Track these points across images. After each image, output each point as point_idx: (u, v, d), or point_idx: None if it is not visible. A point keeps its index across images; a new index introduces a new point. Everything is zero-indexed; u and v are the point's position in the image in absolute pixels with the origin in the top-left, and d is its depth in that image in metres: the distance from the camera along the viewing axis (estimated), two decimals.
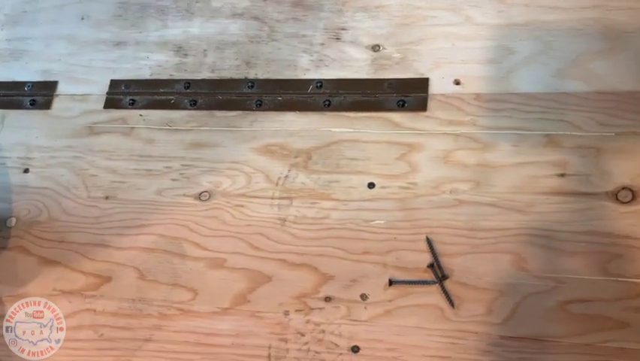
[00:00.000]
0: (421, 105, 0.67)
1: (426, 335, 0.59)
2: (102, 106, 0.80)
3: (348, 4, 0.76)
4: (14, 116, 0.83)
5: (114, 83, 0.81)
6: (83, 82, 0.82)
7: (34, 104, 0.83)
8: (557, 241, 0.59)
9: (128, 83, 0.80)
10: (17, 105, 0.84)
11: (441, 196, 0.63)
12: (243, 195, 0.70)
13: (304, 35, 0.76)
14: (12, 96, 0.85)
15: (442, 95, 0.68)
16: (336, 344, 0.60)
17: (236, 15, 0.80)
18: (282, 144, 0.71)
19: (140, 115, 0.78)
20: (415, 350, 0.58)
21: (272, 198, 0.69)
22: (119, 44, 0.83)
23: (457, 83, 0.68)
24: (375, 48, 0.72)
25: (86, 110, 0.80)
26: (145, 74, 0.80)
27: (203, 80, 0.77)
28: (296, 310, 0.63)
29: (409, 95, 0.68)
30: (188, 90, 0.77)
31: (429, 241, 0.62)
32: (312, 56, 0.74)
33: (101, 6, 0.85)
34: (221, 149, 0.73)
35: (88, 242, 0.72)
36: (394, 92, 0.69)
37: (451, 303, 0.59)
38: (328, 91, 0.72)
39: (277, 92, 0.74)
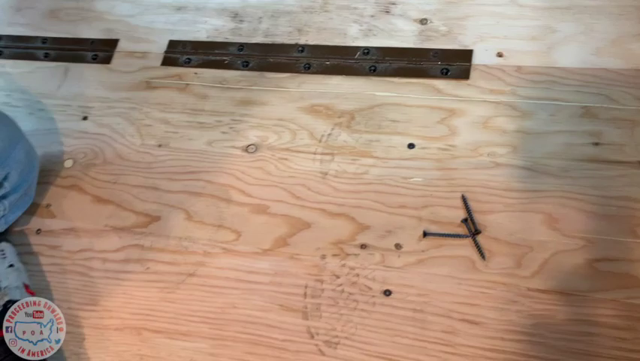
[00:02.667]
0: (463, 74, 0.71)
1: (456, 283, 0.61)
2: (160, 63, 0.85)
3: None
4: (77, 69, 0.89)
5: (172, 43, 0.86)
6: (144, 41, 0.88)
7: (95, 59, 0.89)
8: (589, 203, 0.61)
9: (186, 43, 0.85)
10: (80, 59, 0.90)
11: (478, 158, 0.67)
12: (287, 149, 0.74)
13: (355, 8, 0.80)
14: (76, 51, 0.91)
15: (485, 65, 0.71)
16: (369, 287, 0.64)
17: None
18: (327, 104, 0.75)
19: (195, 73, 0.83)
20: (445, 297, 0.61)
21: (314, 154, 0.72)
22: (180, 9, 0.89)
23: (500, 55, 0.71)
24: (423, 21, 0.76)
25: (144, 66, 0.86)
26: (202, 36, 0.85)
27: (256, 44, 0.82)
28: (332, 255, 0.66)
29: (452, 64, 0.72)
30: (241, 52, 0.82)
31: (464, 198, 0.65)
32: (361, 26, 0.79)
33: None
34: (269, 107, 0.77)
35: (140, 185, 0.77)
36: (439, 61, 0.73)
37: (482, 255, 0.62)
38: (375, 57, 0.76)
39: (325, 57, 0.78)
